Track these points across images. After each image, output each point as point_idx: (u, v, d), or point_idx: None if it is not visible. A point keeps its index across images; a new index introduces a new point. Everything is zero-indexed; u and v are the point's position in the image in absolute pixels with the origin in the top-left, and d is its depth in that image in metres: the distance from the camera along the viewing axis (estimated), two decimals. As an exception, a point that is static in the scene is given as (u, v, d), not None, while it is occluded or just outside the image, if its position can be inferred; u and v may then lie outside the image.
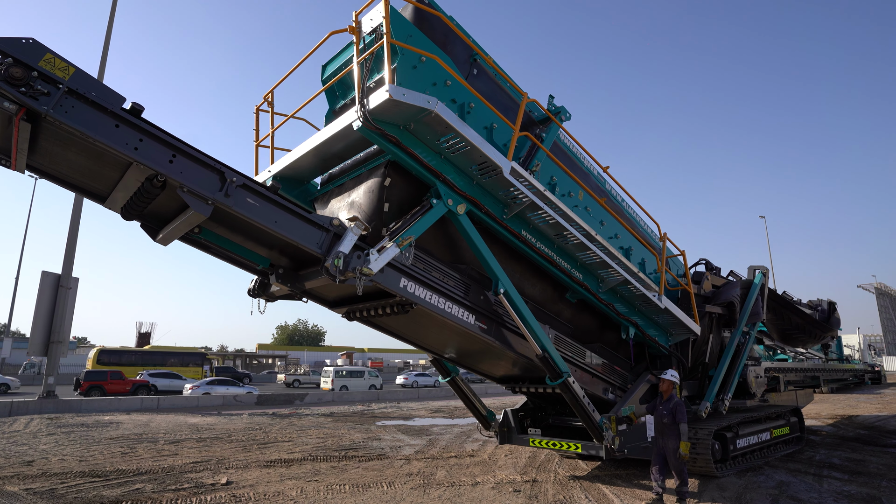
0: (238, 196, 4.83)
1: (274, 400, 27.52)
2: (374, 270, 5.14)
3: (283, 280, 5.77)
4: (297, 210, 5.13)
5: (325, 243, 5.17)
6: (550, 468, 9.09)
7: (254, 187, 4.95)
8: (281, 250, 5.70)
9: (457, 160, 5.87)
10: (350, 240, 5.18)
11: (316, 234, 5.18)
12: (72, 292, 22.24)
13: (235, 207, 4.79)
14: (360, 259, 5.13)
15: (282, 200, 5.08)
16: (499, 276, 6.07)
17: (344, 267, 5.00)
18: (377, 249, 5.28)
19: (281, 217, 5.04)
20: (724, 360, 9.22)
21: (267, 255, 5.81)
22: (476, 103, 6.20)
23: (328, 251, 5.10)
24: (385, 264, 5.36)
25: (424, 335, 7.00)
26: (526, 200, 6.12)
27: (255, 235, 5.47)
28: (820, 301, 14.14)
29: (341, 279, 5.02)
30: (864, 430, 13.88)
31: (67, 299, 21.84)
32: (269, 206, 5.00)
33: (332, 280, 5.02)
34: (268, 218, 4.97)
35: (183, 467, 9.64)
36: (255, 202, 4.93)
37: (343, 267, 4.99)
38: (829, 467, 9.09)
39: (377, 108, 5.13)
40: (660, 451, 6.68)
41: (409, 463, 9.93)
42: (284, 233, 5.01)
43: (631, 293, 7.49)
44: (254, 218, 4.89)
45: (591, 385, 7.65)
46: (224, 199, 4.70)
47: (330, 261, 4.96)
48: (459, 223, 5.91)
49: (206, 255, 6.29)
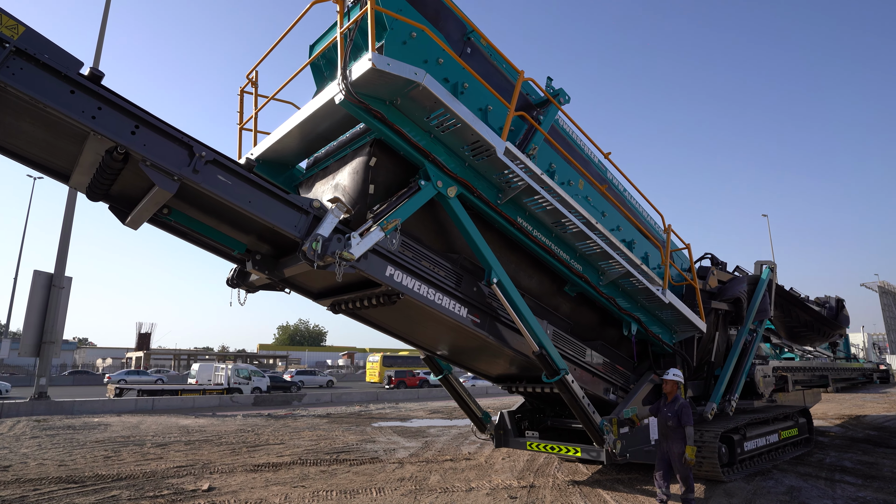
0: (208, 173, 4.48)
1: (271, 400, 27.16)
2: (356, 256, 4.76)
3: (260, 267, 5.39)
4: (273, 190, 4.77)
5: (303, 226, 4.82)
6: (549, 472, 8.68)
7: (225, 163, 4.58)
8: (259, 235, 5.33)
9: (447, 140, 5.48)
10: (330, 222, 4.80)
11: (294, 215, 4.82)
12: (64, 292, 21.85)
13: (204, 185, 4.43)
14: (340, 243, 4.75)
15: (256, 179, 4.72)
16: (492, 264, 5.66)
17: (322, 251, 4.63)
18: (359, 233, 4.90)
19: (255, 197, 4.67)
20: (730, 358, 8.80)
21: (243, 239, 5.43)
22: (470, 83, 5.82)
23: (307, 234, 4.73)
24: (368, 250, 5.01)
25: (414, 329, 6.60)
26: (521, 184, 5.71)
27: (229, 217, 5.10)
28: (828, 298, 13.71)
29: (319, 264, 4.65)
30: (874, 431, 13.45)
31: (60, 299, 21.45)
32: (243, 185, 4.64)
33: (309, 265, 4.66)
34: (241, 197, 4.60)
35: (166, 472, 9.25)
36: (226, 180, 4.57)
37: (321, 251, 4.62)
38: (840, 471, 8.66)
39: (360, 79, 4.76)
40: (664, 455, 6.26)
41: (402, 467, 9.53)
42: (259, 214, 4.64)
43: (633, 287, 7.07)
44: (225, 197, 4.53)
45: (592, 385, 7.23)
46: (192, 176, 4.35)
47: (307, 244, 4.60)
48: (450, 207, 5.51)
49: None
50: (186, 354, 73.21)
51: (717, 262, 9.51)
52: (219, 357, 78.39)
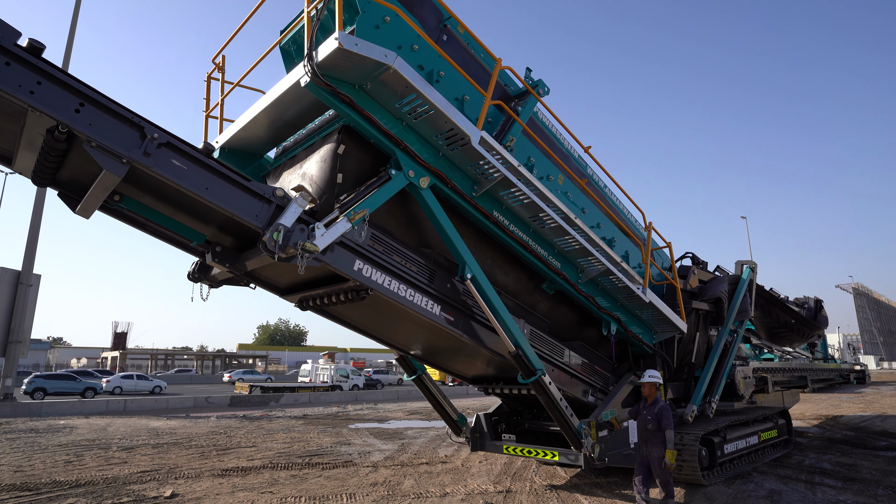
0: (161, 157, 4.17)
1: (248, 401, 26.60)
2: (320, 247, 4.48)
3: (221, 259, 5.07)
4: (232, 176, 4.47)
5: (265, 216, 4.53)
6: (527, 476, 8.45)
7: (181, 147, 4.28)
8: (219, 225, 5.01)
9: (420, 128, 5.21)
10: (293, 212, 4.51)
11: (255, 204, 4.52)
12: (33, 290, 21.03)
13: (157, 169, 4.12)
14: (303, 234, 4.46)
15: (215, 164, 4.42)
16: (466, 259, 5.41)
17: (284, 242, 4.33)
18: (324, 224, 4.62)
19: (213, 183, 4.37)
20: (711, 359, 8.65)
21: (203, 230, 5.10)
22: (447, 71, 5.57)
23: (268, 224, 4.44)
24: (335, 242, 4.75)
25: (386, 328, 6.32)
26: (497, 176, 5.47)
27: (186, 206, 4.78)
28: (807, 299, 13.71)
29: (281, 256, 4.37)
30: (851, 432, 13.48)
31: (28, 297, 20.70)
32: (200, 171, 4.34)
33: (271, 257, 4.36)
34: (197, 184, 4.30)
35: (128, 478, 8.83)
36: (181, 165, 4.25)
37: (283, 242, 4.32)
38: (820, 473, 8.57)
39: (326, 59, 4.48)
40: (643, 459, 6.06)
41: (376, 471, 9.23)
42: (217, 202, 4.34)
43: (613, 285, 6.86)
44: (180, 183, 4.22)
45: (570, 386, 7.02)
46: (142, 159, 4.03)
47: (268, 234, 4.30)
48: (422, 198, 5.25)
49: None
50: (164, 354, 71.91)
51: (697, 261, 9.37)
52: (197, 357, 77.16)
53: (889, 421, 15.58)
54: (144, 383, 38.97)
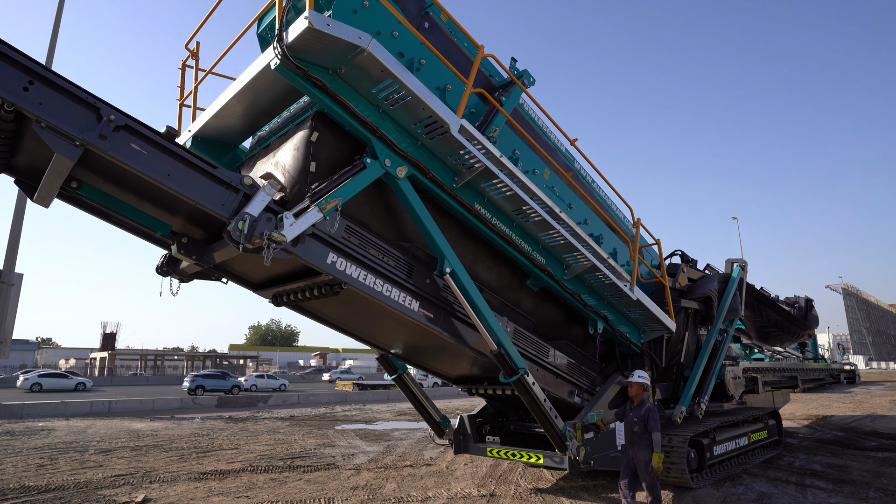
0: (118, 140, 3.92)
1: (236, 402, 26.27)
2: (288, 238, 4.25)
3: (187, 251, 4.82)
4: (197, 163, 4.22)
5: (231, 204, 4.28)
6: (512, 479, 8.23)
7: (140, 130, 4.03)
8: (185, 215, 4.76)
9: (397, 115, 4.99)
10: (261, 200, 4.28)
11: (221, 193, 4.28)
12: (14, 289, 20.57)
13: (113, 154, 3.87)
14: (270, 223, 4.22)
15: (177, 150, 4.18)
16: (445, 253, 5.18)
17: (249, 231, 4.08)
18: (294, 213, 4.38)
19: (175, 170, 4.12)
20: (700, 359, 8.47)
21: (168, 220, 4.84)
22: (428, 59, 5.36)
23: (235, 214, 4.19)
24: (306, 233, 4.52)
25: (364, 325, 6.08)
26: (479, 167, 5.24)
27: (149, 194, 4.54)
28: (797, 298, 13.59)
29: (247, 247, 4.13)
30: (841, 432, 13.37)
31: (10, 297, 20.25)
32: (161, 156, 4.09)
33: (235, 248, 4.13)
34: (158, 170, 4.05)
35: (101, 482, 8.54)
36: (141, 149, 4.01)
37: (248, 231, 4.08)
38: (810, 475, 8.41)
39: (297, 40, 4.25)
40: (629, 462, 5.85)
41: (359, 474, 8.99)
42: (180, 189, 4.10)
43: (600, 282, 6.65)
44: (139, 169, 3.97)
45: (555, 387, 6.80)
46: (98, 142, 3.79)
47: (233, 224, 4.05)
48: (399, 188, 5.02)
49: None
50: (153, 355, 71.17)
51: (687, 259, 9.18)
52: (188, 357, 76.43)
53: (879, 421, 15.52)
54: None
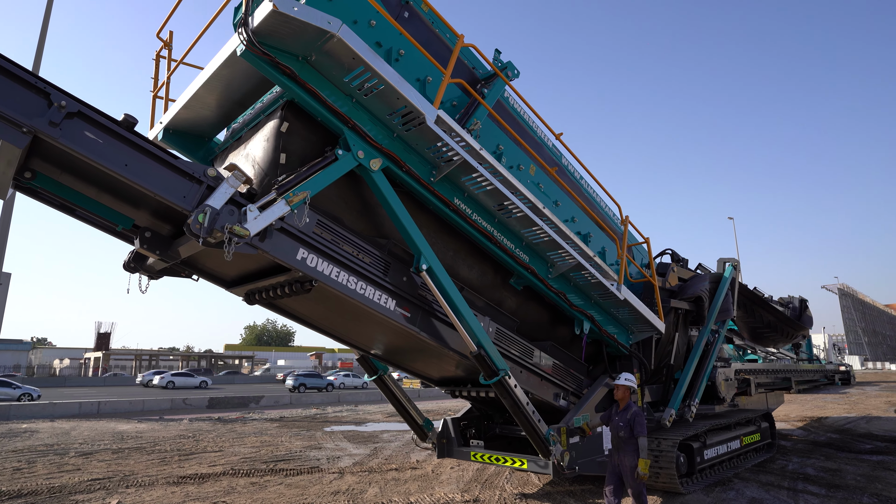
0: (71, 128, 3.70)
1: (227, 403, 25.99)
2: (252, 231, 4.04)
3: (150, 246, 4.60)
4: (157, 153, 4.01)
5: (194, 197, 4.07)
6: (498, 484, 8.02)
7: (94, 117, 3.81)
8: (149, 208, 4.54)
9: (371, 105, 4.78)
10: (223, 192, 4.06)
11: (183, 184, 4.07)
12: (2, 289, 20.45)
13: (65, 142, 3.66)
14: (233, 216, 4.01)
15: (136, 139, 3.97)
16: (421, 248, 4.96)
17: (210, 225, 3.87)
18: (259, 206, 4.16)
19: (134, 160, 3.91)
20: (691, 361, 8.26)
21: (130, 213, 4.62)
22: (407, 50, 5.16)
23: (197, 206, 3.98)
24: (273, 228, 4.31)
25: (340, 324, 5.86)
26: (457, 159, 5.03)
27: (107, 185, 4.32)
28: (791, 298, 13.41)
29: (208, 240, 3.92)
30: (836, 434, 13.20)
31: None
32: (118, 145, 3.87)
33: (196, 242, 3.92)
34: (114, 160, 3.84)
35: (76, 486, 8.30)
36: (96, 138, 3.79)
37: (209, 224, 3.86)
38: (803, 479, 8.22)
39: (262, 25, 4.05)
40: (615, 468, 5.65)
41: (342, 477, 8.77)
42: (138, 181, 3.88)
43: (586, 281, 6.43)
44: (94, 158, 3.76)
45: (540, 389, 6.59)
46: (47, 129, 3.58)
47: (193, 216, 3.84)
48: (373, 181, 4.81)
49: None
50: (148, 355, 70.80)
51: (677, 258, 8.99)
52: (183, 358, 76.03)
53: (874, 423, 15.36)
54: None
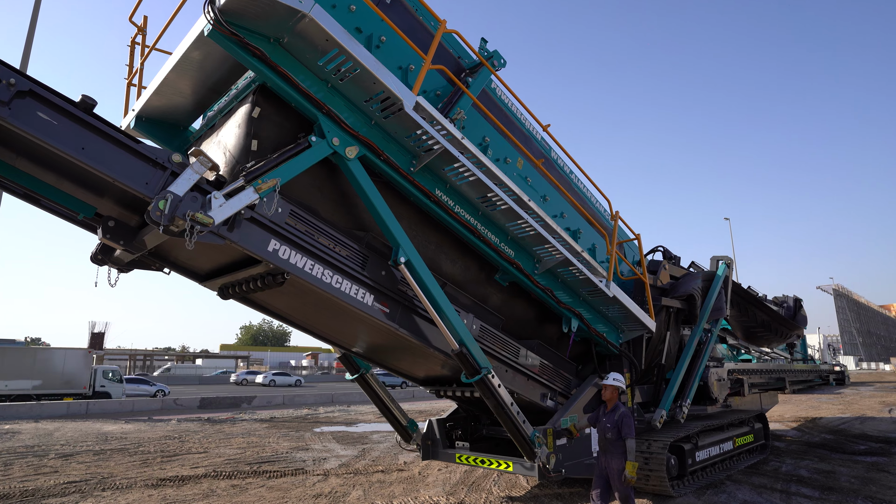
0: (21, 108, 3.49)
1: (219, 403, 25.71)
2: (216, 220, 3.82)
3: (113, 236, 4.38)
4: (117, 136, 3.80)
5: (157, 183, 3.85)
6: (485, 486, 7.82)
7: (47, 97, 3.59)
8: (111, 196, 4.32)
9: (347, 90, 4.57)
10: (187, 178, 3.85)
11: (145, 170, 3.86)
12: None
13: (15, 122, 3.45)
14: (196, 203, 3.78)
15: (94, 121, 3.76)
16: (400, 240, 4.75)
17: (171, 212, 3.65)
18: (225, 193, 3.95)
19: (91, 143, 3.69)
20: (682, 360, 8.07)
21: (93, 201, 4.39)
22: (388, 36, 4.96)
23: (159, 193, 3.77)
24: (243, 217, 4.11)
25: (318, 320, 5.64)
26: (437, 148, 4.83)
27: (66, 171, 4.10)
28: (786, 297, 13.25)
29: (170, 229, 3.71)
30: (830, 435, 13.06)
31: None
32: (74, 127, 3.66)
33: (157, 229, 3.71)
34: (70, 143, 3.62)
35: (51, 489, 8.06)
36: (49, 119, 3.57)
37: (170, 212, 3.64)
38: (797, 481, 8.04)
39: (229, 2, 3.85)
40: (602, 471, 5.45)
41: (326, 480, 8.55)
42: (96, 165, 3.68)
43: (574, 277, 6.23)
44: (48, 141, 3.55)
45: (526, 389, 6.39)
46: None
47: (153, 203, 3.62)
48: (348, 169, 4.60)
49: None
50: (142, 355, 70.29)
51: (669, 255, 8.80)
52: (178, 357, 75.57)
53: (868, 423, 15.23)
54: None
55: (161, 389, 31.44)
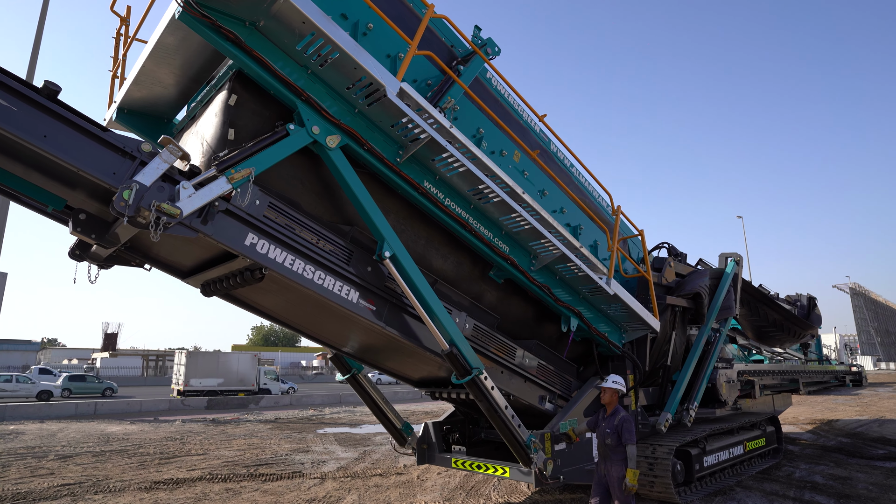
0: None
1: (226, 403, 25.72)
2: (185, 211, 3.61)
3: (85, 229, 4.18)
4: (82, 124, 3.59)
5: (125, 173, 3.65)
6: (484, 492, 7.57)
7: (7, 82, 3.40)
8: (81, 188, 4.12)
9: (328, 77, 4.35)
10: (155, 167, 3.64)
11: (112, 159, 3.64)
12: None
13: None
14: (162, 193, 3.58)
15: (58, 108, 3.55)
16: (384, 234, 4.51)
17: (135, 202, 3.44)
18: (195, 183, 3.74)
19: (55, 131, 3.48)
20: (689, 361, 7.74)
21: (63, 193, 4.19)
22: (376, 23, 4.74)
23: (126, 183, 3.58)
24: (218, 210, 3.89)
25: (304, 319, 5.42)
26: (424, 137, 4.58)
27: (34, 162, 3.89)
28: (799, 296, 12.83)
29: (136, 220, 3.50)
30: (847, 438, 12.62)
31: (-8, 295, 19.85)
32: (35, 114, 3.44)
33: (122, 220, 3.51)
34: (31, 130, 3.41)
35: (43, 492, 7.93)
36: (9, 104, 3.38)
37: (134, 202, 3.44)
38: (811, 488, 7.69)
39: None
40: (601, 478, 5.17)
41: (322, 483, 8.34)
42: (59, 154, 3.47)
43: (573, 274, 5.94)
44: (6, 128, 3.34)
45: (524, 392, 6.13)
46: None
47: (118, 193, 3.42)
48: (329, 159, 4.38)
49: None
50: (155, 355, 70.81)
51: (675, 252, 8.47)
52: (189, 358, 75.97)
53: (887, 426, 14.73)
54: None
55: (291, 387, 34.79)
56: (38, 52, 19.56)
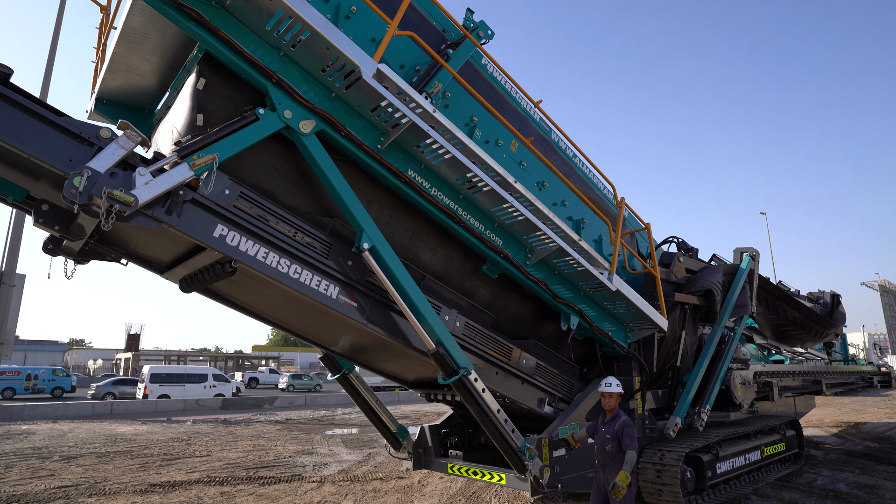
0: None
1: (241, 404, 25.75)
2: (140, 199, 3.37)
3: (47, 221, 3.97)
4: (36, 109, 3.38)
5: (82, 160, 3.42)
6: (485, 498, 7.26)
7: None
8: (44, 177, 3.91)
9: (301, 58, 4.09)
10: (110, 154, 3.41)
11: (69, 146, 3.42)
12: (16, 290, 20.44)
13: None
14: (116, 179, 3.34)
15: (9, 92, 3.35)
16: (363, 224, 4.23)
17: (87, 189, 3.22)
18: (154, 170, 3.50)
19: (5, 115, 3.28)
20: (700, 362, 7.31)
21: (24, 183, 3.99)
22: (359, 7, 4.50)
23: None
24: (183, 199, 3.67)
25: (287, 316, 5.16)
26: (405, 122, 4.29)
27: None
28: (822, 293, 12.24)
29: (90, 208, 3.29)
30: (874, 443, 12.02)
31: (11, 298, 20.03)
32: None
33: (71, 209, 3.29)
34: None
35: (38, 494, 7.83)
36: None
37: (85, 189, 3.22)
38: (833, 497, 7.22)
39: None
40: (600, 488, 4.83)
41: (320, 487, 8.11)
42: (10, 140, 3.28)
43: (572, 269, 5.58)
44: None
45: (521, 394, 5.80)
46: None
47: (69, 179, 3.20)
48: (304, 145, 4.11)
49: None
50: (176, 356, 71.73)
51: (686, 247, 8.04)
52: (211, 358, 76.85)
53: (918, 430, 14.05)
54: None
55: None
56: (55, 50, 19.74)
